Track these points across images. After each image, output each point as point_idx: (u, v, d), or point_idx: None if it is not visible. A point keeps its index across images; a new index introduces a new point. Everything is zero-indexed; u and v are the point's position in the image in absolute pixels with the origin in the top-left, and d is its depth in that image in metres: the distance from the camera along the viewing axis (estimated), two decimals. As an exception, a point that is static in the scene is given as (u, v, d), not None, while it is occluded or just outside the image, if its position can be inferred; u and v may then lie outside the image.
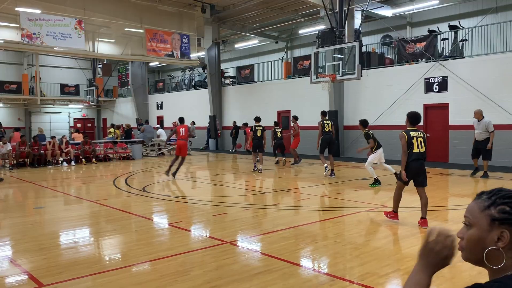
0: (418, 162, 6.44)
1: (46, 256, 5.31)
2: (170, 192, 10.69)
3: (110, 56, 23.19)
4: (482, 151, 11.72)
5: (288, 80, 21.89)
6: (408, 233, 6.15)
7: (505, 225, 1.18)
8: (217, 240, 5.91)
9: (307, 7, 20.31)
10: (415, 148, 6.40)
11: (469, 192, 9.92)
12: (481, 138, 11.65)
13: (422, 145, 6.46)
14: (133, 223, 7.31)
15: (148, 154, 21.55)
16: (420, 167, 6.47)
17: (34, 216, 8.14)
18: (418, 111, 16.11)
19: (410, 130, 6.55)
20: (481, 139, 11.65)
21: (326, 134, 12.64)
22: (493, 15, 16.95)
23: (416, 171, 6.45)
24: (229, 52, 30.06)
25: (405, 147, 6.42)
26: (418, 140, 6.43)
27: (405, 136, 6.43)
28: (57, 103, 33.48)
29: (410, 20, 20.41)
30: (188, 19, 22.12)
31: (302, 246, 5.69)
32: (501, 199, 1.21)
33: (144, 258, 5.17)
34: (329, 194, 10.00)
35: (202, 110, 25.64)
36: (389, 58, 19.19)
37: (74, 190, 11.46)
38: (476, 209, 1.25)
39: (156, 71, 38.24)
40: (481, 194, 1.27)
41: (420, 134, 6.54)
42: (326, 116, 13.32)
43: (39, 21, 17.25)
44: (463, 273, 4.44)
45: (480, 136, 11.67)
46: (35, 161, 16.51)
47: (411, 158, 6.41)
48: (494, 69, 14.36)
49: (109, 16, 19.68)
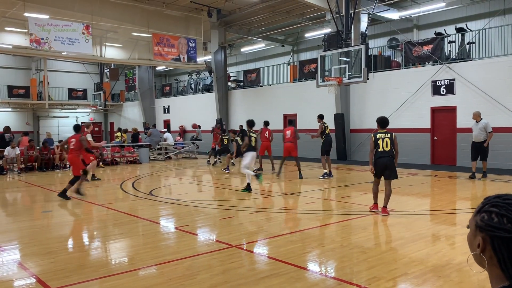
0: (384, 159, 7.45)
1: (54, 260, 5.33)
2: (177, 195, 10.70)
3: (117, 61, 23.36)
4: (481, 152, 12.05)
5: (294, 83, 21.90)
6: (416, 237, 6.10)
7: (483, 233, 1.20)
8: (224, 244, 5.90)
9: (313, 11, 20.33)
10: (380, 148, 7.47)
11: (478, 195, 9.84)
12: (480, 139, 12.01)
13: (388, 144, 7.45)
14: (140, 226, 7.33)
15: (155, 158, 21.62)
16: (386, 163, 7.45)
17: (41, 220, 8.19)
18: (425, 114, 16.30)
19: (378, 132, 7.65)
20: (480, 140, 12.01)
21: (328, 136, 12.94)
22: (500, 17, 16.85)
23: (382, 166, 7.48)
24: (236, 56, 30.14)
25: (372, 146, 7.59)
26: (384, 141, 7.47)
27: (372, 138, 7.62)
28: (65, 107, 33.73)
29: (417, 23, 20.34)
30: (195, 24, 22.24)
31: (309, 250, 5.68)
32: (487, 206, 1.23)
33: (151, 261, 5.18)
34: (335, 197, 9.96)
35: (209, 114, 25.70)
36: (396, 61, 19.13)
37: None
38: (473, 213, 1.28)
39: (163, 75, 38.42)
40: (485, 198, 1.28)
41: (387, 136, 7.53)
42: (323, 119, 13.35)
43: (47, 26, 17.43)
44: (471, 277, 4.40)
45: (478, 137, 12.03)
46: (43, 165, 16.63)
47: (377, 156, 7.49)
48: (502, 71, 14.27)
49: (116, 21, 19.84)
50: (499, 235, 1.16)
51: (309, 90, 19.74)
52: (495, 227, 1.17)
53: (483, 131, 11.94)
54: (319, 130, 12.94)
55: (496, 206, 1.20)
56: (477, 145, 12.08)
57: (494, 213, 1.19)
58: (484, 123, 11.98)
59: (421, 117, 16.40)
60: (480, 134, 11.99)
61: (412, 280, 4.45)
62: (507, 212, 1.17)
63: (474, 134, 12.15)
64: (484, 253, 1.21)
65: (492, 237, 1.18)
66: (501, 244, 1.16)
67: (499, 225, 1.17)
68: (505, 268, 1.15)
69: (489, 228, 1.19)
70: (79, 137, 10.00)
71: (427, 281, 4.41)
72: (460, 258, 5.07)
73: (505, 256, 1.15)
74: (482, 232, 1.21)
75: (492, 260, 1.19)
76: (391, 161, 7.46)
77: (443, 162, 15.75)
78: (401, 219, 7.68)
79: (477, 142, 12.07)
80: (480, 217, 1.23)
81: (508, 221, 1.16)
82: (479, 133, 12.01)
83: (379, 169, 7.53)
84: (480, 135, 12.00)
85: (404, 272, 4.67)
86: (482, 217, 1.22)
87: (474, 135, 12.13)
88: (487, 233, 1.19)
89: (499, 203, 1.20)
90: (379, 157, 7.47)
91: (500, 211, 1.18)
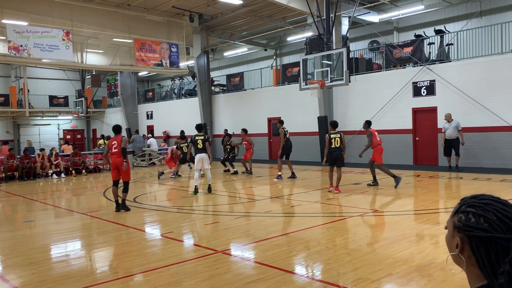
0: (336, 152, 10.21)
1: (36, 271, 5.23)
2: (162, 202, 10.62)
3: (98, 67, 23.11)
4: (455, 148, 13.76)
5: (278, 87, 21.97)
6: (400, 237, 6.17)
7: (461, 233, 1.22)
8: (210, 250, 5.87)
9: (294, 15, 20.46)
10: (333, 144, 10.22)
11: (461, 194, 9.99)
12: (453, 137, 13.71)
13: (338, 142, 10.22)
14: (124, 234, 7.25)
15: (139, 164, 21.43)
16: (337, 156, 10.21)
17: (23, 230, 8.04)
18: (407, 115, 16.54)
19: (331, 133, 10.37)
20: (453, 138, 13.72)
21: (288, 140, 13.41)
22: (477, 19, 17.21)
23: (335, 158, 10.25)
24: (219, 60, 30.11)
25: (327, 143, 10.30)
26: (335, 139, 10.22)
27: (327, 137, 10.37)
28: (46, 115, 33.23)
29: (397, 26, 20.64)
30: (177, 28, 22.16)
31: (295, 253, 5.69)
32: (464, 207, 1.25)
33: (135, 269, 5.12)
34: (321, 199, 10.01)
35: (193, 119, 25.57)
36: (377, 64, 19.36)
37: (64, 202, 11.34)
38: (451, 214, 1.30)
39: (145, 80, 38.16)
40: (462, 199, 1.30)
41: (337, 135, 10.25)
42: (283, 124, 13.68)
43: (26, 33, 17.16)
44: (455, 276, 4.46)
45: (452, 135, 13.71)
46: (24, 174, 16.34)
47: (331, 150, 10.24)
48: (480, 72, 14.56)
49: (97, 27, 19.65)
50: (477, 235, 1.18)
51: (292, 94, 19.83)
52: (473, 227, 1.19)
53: (456, 130, 13.63)
54: (281, 135, 13.31)
55: (472, 207, 1.22)
56: (451, 143, 13.76)
57: (471, 213, 1.21)
58: (456, 123, 13.72)
59: (403, 118, 16.62)
60: (453, 132, 13.67)
61: (397, 280, 4.50)
62: (483, 212, 1.19)
63: (447, 133, 13.77)
64: (463, 253, 1.22)
65: (470, 237, 1.19)
66: (479, 244, 1.17)
67: (476, 225, 1.19)
68: (483, 267, 1.17)
69: (466, 228, 1.20)
70: (120, 138, 9.16)
71: (411, 281, 4.46)
72: (443, 257, 5.14)
73: (483, 255, 1.17)
74: (460, 232, 1.22)
75: (470, 260, 1.21)
76: (341, 154, 10.22)
77: (425, 162, 15.97)
78: (385, 219, 7.76)
79: (450, 139, 13.76)
80: (457, 218, 1.24)
81: (485, 221, 1.18)
82: (453, 131, 13.67)
83: (332, 159, 10.25)
84: (453, 133, 13.67)
85: (389, 273, 4.71)
86: (459, 218, 1.24)
87: (448, 133, 13.75)
88: (465, 233, 1.21)
89: (475, 204, 1.23)
90: (333, 151, 10.20)
91: (477, 211, 1.20)
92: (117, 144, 9.12)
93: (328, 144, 10.19)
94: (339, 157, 10.17)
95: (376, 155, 11.06)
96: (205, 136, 11.49)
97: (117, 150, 9.08)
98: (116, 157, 9.11)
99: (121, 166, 9.10)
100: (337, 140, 10.14)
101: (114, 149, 9.14)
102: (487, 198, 1.23)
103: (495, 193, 1.42)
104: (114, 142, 9.21)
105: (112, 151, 9.17)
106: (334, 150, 10.16)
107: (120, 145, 9.07)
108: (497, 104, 14.14)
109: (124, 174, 9.19)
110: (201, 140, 11.11)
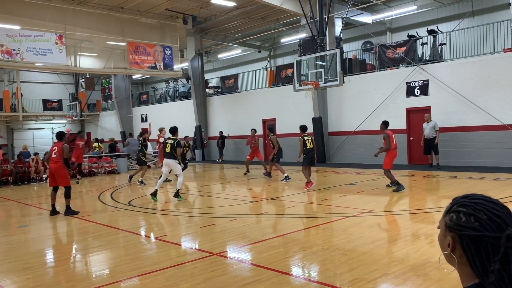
0: (311, 153, 11.38)
1: (31, 276, 5.20)
2: (157, 205, 10.59)
3: (92, 70, 23.02)
4: (432, 147, 14.65)
5: (272, 88, 22.00)
6: (395, 237, 6.19)
7: (452, 232, 1.23)
8: (205, 252, 5.86)
9: (288, 16, 20.50)
10: (308, 146, 11.35)
11: (455, 194, 10.03)
12: (431, 136, 14.58)
13: (311, 143, 11.45)
14: (120, 238, 7.22)
15: (134, 167, 21.34)
16: (312, 156, 11.42)
17: (18, 235, 7.99)
18: (401, 115, 16.60)
19: (304, 135, 11.58)
20: (431, 137, 14.58)
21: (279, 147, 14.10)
22: (469, 19, 17.32)
23: (311, 158, 11.39)
24: (213, 63, 30.11)
25: (302, 144, 11.48)
26: (308, 141, 11.42)
27: (302, 139, 11.57)
28: (40, 119, 33.04)
29: (390, 26, 20.73)
30: (170, 31, 22.13)
31: (290, 254, 5.69)
32: (455, 206, 1.26)
33: (131, 273, 5.11)
34: (316, 200, 10.03)
35: (188, 121, 25.55)
36: (371, 64, 19.43)
37: (59, 207, 11.27)
38: (443, 213, 1.31)
39: (139, 83, 38.07)
40: (453, 199, 1.31)
41: (309, 138, 11.55)
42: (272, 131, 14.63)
43: (18, 37, 17.07)
44: (450, 275, 4.48)
45: (429, 135, 14.59)
46: (18, 178, 16.24)
47: (307, 151, 11.35)
48: (473, 71, 14.65)
49: (90, 30, 19.58)
50: (468, 234, 1.19)
51: (287, 95, 19.85)
52: (463, 226, 1.20)
53: (433, 130, 14.52)
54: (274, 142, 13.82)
55: (463, 206, 1.24)
56: (428, 142, 14.66)
57: (462, 213, 1.22)
58: (433, 123, 14.58)
59: (397, 118, 16.67)
60: (431, 132, 14.56)
61: (393, 280, 4.51)
62: (474, 211, 1.20)
63: (426, 133, 14.68)
64: (454, 252, 1.23)
65: (461, 236, 1.20)
66: (470, 243, 1.18)
67: (467, 224, 1.20)
68: (474, 266, 1.18)
69: (457, 227, 1.22)
70: (61, 146, 9.19)
71: (407, 281, 4.48)
72: (439, 256, 5.16)
73: (473, 254, 1.18)
74: (451, 232, 1.24)
75: (462, 259, 1.22)
76: (314, 155, 11.48)
77: (419, 162, 16.03)
78: (381, 219, 7.78)
79: (428, 139, 14.65)
80: (449, 217, 1.26)
81: (475, 220, 1.19)
82: (430, 131, 14.57)
83: (310, 159, 11.41)
84: (431, 133, 14.57)
85: (385, 273, 4.72)
86: (450, 217, 1.25)
87: (426, 133, 14.67)
88: (456, 232, 1.22)
89: (466, 203, 1.24)
90: (309, 151, 11.34)
91: (468, 211, 1.21)
92: (57, 150, 9.19)
93: (302, 145, 11.40)
94: (313, 157, 11.47)
95: (387, 158, 10.39)
96: (176, 141, 10.56)
97: (55, 157, 9.16)
98: (52, 163, 9.24)
99: (56, 172, 9.17)
100: (310, 141, 11.38)
101: (53, 155, 9.22)
102: (478, 198, 1.24)
103: (489, 192, 1.44)
104: (54, 148, 9.31)
105: (51, 157, 9.25)
106: (310, 150, 11.25)
107: (60, 152, 9.12)
108: (490, 103, 14.22)
109: (59, 180, 9.22)
110: (169, 144, 10.40)
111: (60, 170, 9.14)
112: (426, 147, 14.85)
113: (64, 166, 9.13)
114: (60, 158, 9.11)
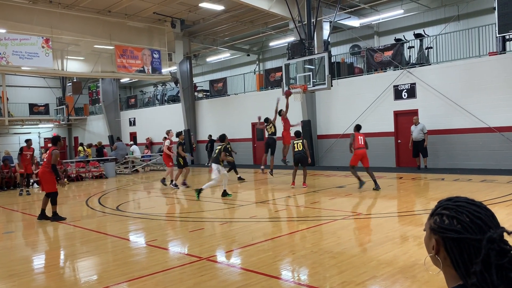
0: (297, 155, 12.11)
1: (16, 283, 5.12)
2: (145, 209, 10.52)
3: (79, 74, 22.86)
4: (421, 149, 14.84)
5: (261, 92, 22.02)
6: (383, 239, 6.22)
7: (436, 235, 1.25)
8: (194, 257, 5.83)
9: (276, 20, 20.58)
10: (296, 148, 12.17)
11: (443, 195, 10.12)
12: (419, 139, 14.81)
13: (300, 146, 12.13)
14: (108, 243, 7.15)
15: (122, 172, 21.20)
16: (298, 157, 12.09)
17: (3, 242, 7.85)
18: (389, 118, 16.72)
19: (295, 140, 12.37)
20: (419, 140, 14.81)
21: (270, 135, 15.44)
22: (455, 22, 17.57)
23: (297, 160, 12.15)
24: (201, 66, 30.06)
25: (291, 148, 12.44)
26: (297, 144, 12.19)
27: (291, 143, 12.60)
28: (26, 123, 32.66)
29: (377, 30, 20.92)
30: (158, 35, 22.06)
31: (280, 258, 5.68)
32: (439, 209, 1.28)
33: (119, 279, 5.05)
34: (305, 203, 10.04)
35: (176, 125, 25.40)
36: (358, 68, 19.56)
37: (46, 212, 11.11)
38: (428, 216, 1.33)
39: (127, 87, 37.84)
40: (438, 202, 1.33)
41: (300, 141, 12.24)
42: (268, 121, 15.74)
43: (4, 41, 16.87)
44: (438, 276, 4.51)
45: (418, 137, 14.81)
46: (4, 184, 16.00)
47: (294, 153, 12.17)
48: (459, 74, 14.84)
49: (77, 34, 19.43)
50: (450, 236, 1.21)
51: (276, 98, 19.85)
52: (446, 228, 1.22)
53: (421, 133, 14.72)
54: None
55: (446, 209, 1.26)
56: (416, 144, 14.87)
57: (445, 216, 1.24)
58: (421, 126, 14.81)
59: (385, 121, 16.81)
60: (419, 135, 14.77)
61: (381, 283, 4.53)
62: (456, 213, 1.22)
63: (414, 136, 14.88)
64: (439, 254, 1.25)
65: (444, 238, 1.22)
66: (453, 245, 1.20)
67: (450, 227, 1.22)
68: (457, 267, 1.20)
69: (441, 230, 1.23)
70: (51, 152, 9.00)
71: (395, 283, 4.50)
72: (425, 258, 5.19)
73: (457, 256, 1.20)
74: (435, 234, 1.26)
75: (446, 261, 1.24)
76: (302, 156, 12.08)
77: (407, 165, 16.17)
78: (369, 222, 7.82)
79: (416, 141, 14.88)
80: (433, 220, 1.28)
81: (458, 222, 1.21)
82: (418, 134, 14.79)
83: (296, 160, 12.21)
84: (418, 136, 14.79)
85: (373, 275, 4.74)
86: (434, 220, 1.27)
87: (414, 136, 14.88)
88: (439, 235, 1.24)
89: (449, 206, 1.26)
90: (295, 154, 12.18)
91: (450, 213, 1.23)
92: (47, 155, 9.18)
93: (292, 148, 12.53)
94: (301, 158, 12.17)
95: (352, 157, 11.37)
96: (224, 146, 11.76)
97: (44, 161, 9.23)
98: (40, 168, 9.30)
99: (42, 177, 9.15)
100: (299, 144, 12.23)
101: (44, 159, 9.30)
102: (461, 200, 1.26)
103: (475, 194, 1.44)
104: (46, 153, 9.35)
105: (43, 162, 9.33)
106: (297, 153, 12.21)
107: (49, 158, 9.04)
108: (476, 106, 14.41)
109: (44, 186, 9.15)
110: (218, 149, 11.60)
111: (46, 175, 9.04)
112: (414, 150, 15.04)
113: (51, 172, 9.01)
114: (48, 163, 9.02)
